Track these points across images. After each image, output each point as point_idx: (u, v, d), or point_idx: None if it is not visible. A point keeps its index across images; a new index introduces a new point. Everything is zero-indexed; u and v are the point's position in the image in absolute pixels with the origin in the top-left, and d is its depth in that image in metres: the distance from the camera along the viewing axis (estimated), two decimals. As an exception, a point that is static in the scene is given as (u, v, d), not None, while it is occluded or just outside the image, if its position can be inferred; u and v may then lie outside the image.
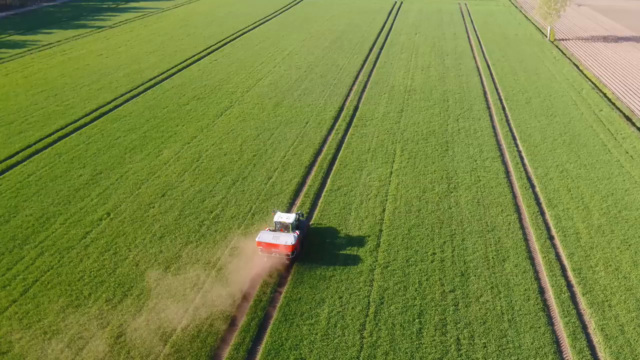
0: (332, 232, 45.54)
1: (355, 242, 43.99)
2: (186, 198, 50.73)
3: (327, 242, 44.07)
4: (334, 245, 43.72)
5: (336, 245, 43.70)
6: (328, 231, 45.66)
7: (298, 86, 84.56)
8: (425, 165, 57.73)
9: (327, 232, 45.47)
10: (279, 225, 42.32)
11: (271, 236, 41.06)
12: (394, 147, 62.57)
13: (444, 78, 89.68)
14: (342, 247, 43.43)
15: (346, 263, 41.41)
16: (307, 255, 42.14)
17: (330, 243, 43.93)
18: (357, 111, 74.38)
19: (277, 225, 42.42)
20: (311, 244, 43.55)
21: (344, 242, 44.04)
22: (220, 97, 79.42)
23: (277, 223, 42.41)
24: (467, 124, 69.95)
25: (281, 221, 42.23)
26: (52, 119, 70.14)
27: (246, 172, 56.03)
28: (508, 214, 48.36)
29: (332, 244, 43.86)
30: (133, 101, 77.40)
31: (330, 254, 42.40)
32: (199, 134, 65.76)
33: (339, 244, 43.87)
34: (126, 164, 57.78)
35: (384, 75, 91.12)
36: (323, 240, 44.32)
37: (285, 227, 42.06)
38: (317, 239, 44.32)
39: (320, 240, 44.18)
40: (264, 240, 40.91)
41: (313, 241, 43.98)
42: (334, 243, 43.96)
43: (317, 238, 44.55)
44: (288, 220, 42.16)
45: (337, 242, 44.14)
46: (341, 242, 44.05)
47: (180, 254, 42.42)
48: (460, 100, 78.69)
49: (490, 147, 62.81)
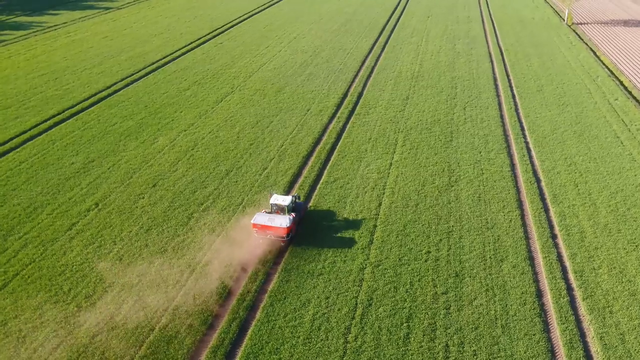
0: (327, 219, 43.96)
1: (347, 238, 42.34)
2: (177, 189, 49.38)
3: (317, 238, 42.44)
4: (325, 241, 42.06)
5: (327, 241, 42.04)
6: (323, 219, 44.09)
7: (302, 71, 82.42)
8: (427, 157, 55.62)
9: (320, 225, 43.83)
10: (275, 208, 42.07)
11: (266, 218, 40.93)
12: (396, 136, 60.48)
13: (454, 64, 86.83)
14: (334, 243, 41.77)
15: (336, 261, 39.81)
16: (297, 250, 40.68)
17: (321, 239, 42.29)
18: (361, 98, 72.19)
19: (273, 208, 42.17)
20: (303, 236, 42.05)
21: (335, 238, 42.38)
22: (222, 82, 77.66)
23: (273, 205, 42.14)
24: (474, 112, 67.46)
25: (277, 203, 41.96)
26: (49, 103, 69.07)
27: (241, 161, 54.46)
28: (510, 210, 46.24)
29: (323, 240, 42.21)
30: (133, 86, 76.01)
31: (320, 251, 40.81)
32: (197, 121, 64.23)
33: (330, 240, 42.21)
34: (120, 151, 56.54)
35: (391, 60, 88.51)
36: (314, 234, 42.71)
37: (281, 209, 41.78)
38: (309, 231, 42.76)
39: (311, 236, 42.57)
40: (259, 222, 40.81)
41: (305, 233, 42.48)
42: (325, 239, 42.31)
43: (309, 230, 43.00)
44: (284, 203, 41.82)
45: (328, 238, 42.49)
46: (333, 238, 42.39)
47: (166, 248, 41.18)
48: (469, 88, 76.03)
49: (497, 137, 60.42)
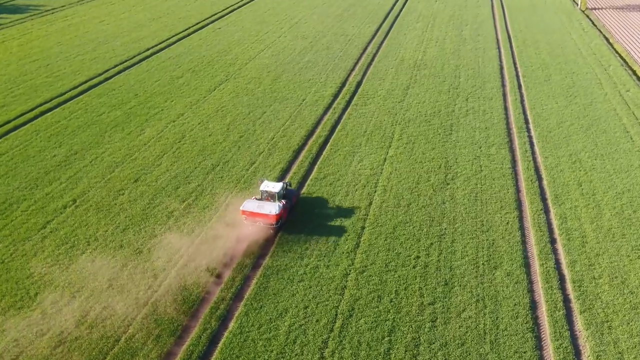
0: (313, 219, 41.64)
1: (332, 241, 40.04)
2: (159, 184, 47.29)
3: (301, 239, 40.14)
4: (310, 243, 39.79)
5: (311, 244, 39.76)
6: (309, 219, 41.79)
7: (301, 58, 79.61)
8: (424, 152, 52.96)
9: (305, 225, 41.46)
10: (265, 194, 41.47)
11: (255, 205, 40.40)
12: (393, 129, 57.79)
13: (459, 51, 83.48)
14: (318, 246, 39.51)
15: (319, 265, 37.61)
16: (279, 253, 38.50)
17: (306, 241, 40.00)
18: (360, 88, 69.39)
19: (264, 194, 41.56)
20: (287, 238, 39.85)
21: (320, 241, 40.06)
22: (217, 69, 75.15)
23: (263, 192, 41.53)
24: (477, 104, 64.47)
25: (267, 190, 41.35)
26: (38, 91, 67.11)
27: (229, 155, 52.19)
28: (507, 212, 43.65)
29: (307, 242, 39.92)
30: (125, 73, 73.77)
31: (303, 254, 38.60)
32: (187, 111, 61.94)
33: (315, 242, 39.91)
34: (104, 143, 54.50)
35: (394, 48, 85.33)
36: (298, 236, 40.43)
37: (272, 196, 41.21)
38: (294, 231, 40.53)
39: (295, 238, 40.32)
40: (248, 209, 40.31)
41: (290, 231, 40.27)
42: (310, 241, 40.00)
43: (294, 229, 40.78)
44: (274, 190, 41.19)
45: (312, 240, 40.15)
46: (317, 241, 40.06)
47: (141, 250, 39.20)
48: (473, 77, 72.87)
49: (499, 131, 57.52)
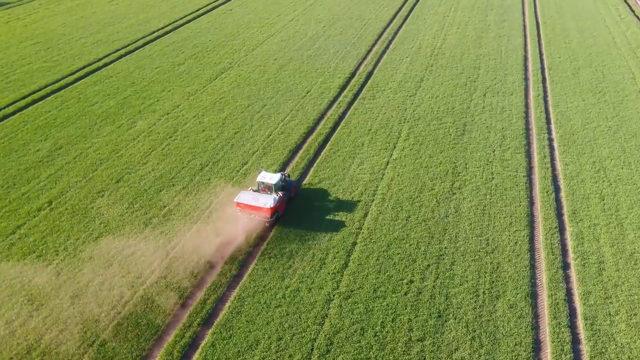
0: (301, 232, 38.04)
1: (319, 259, 36.42)
2: (142, 186, 44.20)
3: (285, 255, 36.66)
4: (294, 260, 36.27)
5: (295, 261, 36.22)
6: (297, 230, 38.21)
7: (311, 45, 75.25)
8: (431, 155, 48.64)
9: (291, 239, 37.97)
10: (262, 186, 40.06)
11: (251, 197, 38.96)
12: (400, 127, 53.45)
13: (481, 39, 77.93)
14: (302, 264, 35.95)
15: (300, 288, 34.09)
16: (259, 272, 35.12)
17: (290, 256, 36.50)
18: (370, 79, 64.91)
19: (260, 186, 40.14)
20: (270, 251, 36.44)
21: (305, 258, 36.46)
22: (222, 56, 71.41)
23: (260, 183, 40.10)
24: (496, 99, 59.49)
25: (264, 181, 39.88)
26: (34, 77, 64.50)
27: (220, 154, 48.75)
28: (517, 229, 39.33)
29: (290, 258, 36.41)
30: (126, 58, 70.63)
31: (285, 274, 35.13)
32: (184, 102, 58.56)
33: (299, 260, 36.34)
34: (92, 137, 51.59)
35: (412, 33, 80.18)
36: (281, 250, 36.97)
37: (269, 188, 39.81)
38: (279, 243, 37.07)
39: (278, 253, 36.87)
40: (243, 202, 38.84)
41: (274, 245, 36.84)
42: (294, 258, 36.48)
43: (279, 243, 37.30)
44: (271, 181, 39.73)
45: (297, 258, 36.59)
46: (302, 257, 36.49)
47: (111, 262, 36.23)
48: (494, 69, 67.61)
49: (517, 132, 52.69)
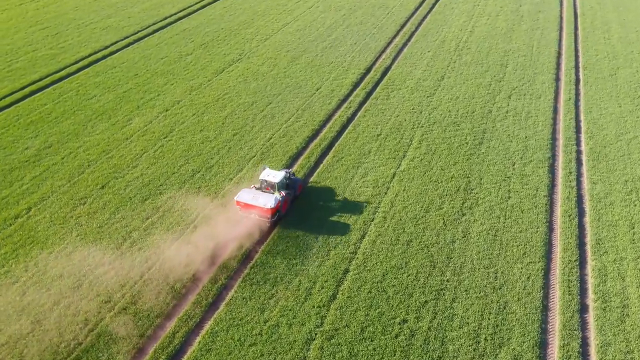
0: (289, 256, 34.70)
1: (305, 289, 33.00)
2: (127, 194, 41.36)
3: (268, 283, 33.35)
4: (277, 287, 32.94)
5: (279, 289, 32.87)
6: (293, 240, 34.86)
7: (328, 35, 70.94)
8: (443, 167, 44.40)
9: (282, 255, 34.67)
10: (265, 184, 38.71)
11: (251, 196, 37.63)
12: (413, 133, 49.19)
13: (512, 31, 72.26)
14: (285, 293, 32.61)
15: (280, 324, 30.80)
16: (237, 302, 31.96)
17: (273, 284, 33.21)
18: (386, 75, 60.49)
19: (263, 184, 38.81)
20: (252, 277, 33.19)
21: (290, 287, 33.05)
22: (232, 46, 67.82)
23: (263, 181, 38.79)
24: (521, 103, 54.50)
25: (267, 179, 38.54)
26: (36, 66, 62.21)
27: (215, 158, 45.52)
28: (531, 261, 35.09)
29: (275, 283, 33.09)
30: (133, 47, 67.70)
31: (265, 305, 31.86)
32: (185, 98, 55.38)
33: (283, 287, 32.97)
34: (84, 135, 48.96)
35: (437, 24, 74.97)
36: (268, 274, 33.72)
37: (271, 186, 38.46)
38: (265, 266, 33.81)
39: (264, 275, 33.61)
40: (243, 200, 37.47)
41: (258, 269, 33.57)
42: (279, 283, 33.15)
43: (265, 266, 34.03)
44: (274, 180, 38.34)
45: (282, 283, 33.26)
46: (287, 285, 33.10)
47: (81, 283, 33.53)
48: (523, 66, 62.28)
49: (541, 142, 47.86)
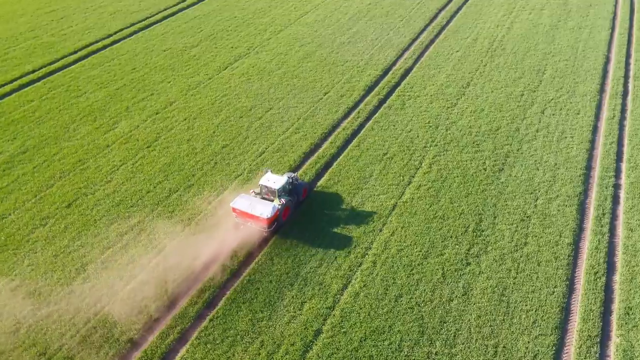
0: (255, 302, 30.07)
1: (265, 353, 28.17)
2: (93, 215, 37.31)
3: (228, 335, 28.77)
4: (236, 345, 28.37)
5: (237, 348, 28.29)
6: (259, 289, 30.22)
7: (348, 28, 64.79)
8: (453, 199, 38.47)
9: (245, 307, 30.03)
10: (265, 190, 35.65)
11: (248, 203, 34.44)
12: (424, 154, 43.24)
13: (556, 29, 64.30)
14: (243, 357, 28.01)
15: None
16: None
17: (233, 339, 28.62)
18: (406, 79, 54.25)
19: (263, 189, 35.75)
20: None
21: (249, 349, 28.38)
22: (242, 38, 62.63)
23: (263, 187, 35.66)
24: (555, 119, 47.54)
25: (267, 185, 35.41)
26: (33, 55, 58.82)
27: (197, 175, 40.93)
28: (541, 334, 29.25)
29: (235, 339, 28.53)
30: (137, 36, 63.45)
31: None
32: (180, 99, 50.82)
33: (241, 348, 28.36)
34: (64, 140, 45.17)
35: (472, 18, 67.61)
36: (226, 329, 29.17)
37: (272, 193, 35.37)
38: (225, 317, 29.28)
39: (224, 327, 29.07)
40: (239, 208, 34.47)
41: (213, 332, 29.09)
42: (239, 340, 28.58)
43: (221, 325, 29.49)
44: (274, 186, 35.13)
45: (240, 343, 28.64)
46: (245, 347, 28.46)
47: (19, 328, 29.78)
48: (563, 73, 54.82)
49: (573, 172, 41.18)
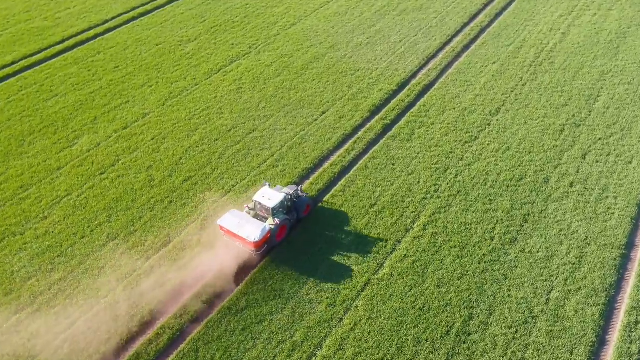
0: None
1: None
2: (13, 265, 31.89)
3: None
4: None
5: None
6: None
7: (371, 25, 55.77)
8: (441, 283, 30.37)
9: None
10: (259, 207, 31.88)
11: (236, 221, 30.99)
12: (421, 208, 35.01)
13: (624, 37, 52.74)
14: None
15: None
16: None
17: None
18: (423, 98, 45.36)
19: (257, 206, 32.03)
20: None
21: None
22: (248, 32, 55.02)
23: (257, 203, 31.93)
24: (598, 170, 37.86)
25: (261, 202, 31.55)
26: (17, 44, 53.70)
27: (145, 218, 34.67)
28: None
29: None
30: (132, 24, 57.02)
31: None
32: (155, 111, 44.35)
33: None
34: (14, 157, 39.93)
35: (521, 19, 56.80)
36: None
37: (266, 210, 31.52)
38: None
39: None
40: (226, 227, 31.14)
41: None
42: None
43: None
44: (269, 204, 31.23)
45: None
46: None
47: None
48: (620, 102, 44.27)
49: (607, 251, 31.99)
